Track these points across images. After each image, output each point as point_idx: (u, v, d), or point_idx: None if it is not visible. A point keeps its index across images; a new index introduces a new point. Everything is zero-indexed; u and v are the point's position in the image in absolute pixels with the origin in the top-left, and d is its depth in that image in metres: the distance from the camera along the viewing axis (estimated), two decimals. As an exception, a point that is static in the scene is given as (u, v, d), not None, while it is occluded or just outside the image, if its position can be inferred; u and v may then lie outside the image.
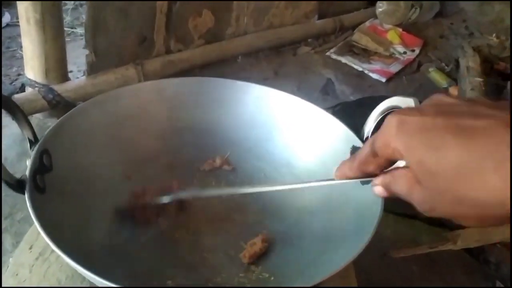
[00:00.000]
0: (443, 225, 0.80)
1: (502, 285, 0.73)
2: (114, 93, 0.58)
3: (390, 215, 0.79)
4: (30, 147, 0.47)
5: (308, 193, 0.58)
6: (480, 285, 0.76)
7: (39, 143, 0.47)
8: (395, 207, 0.33)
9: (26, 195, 0.42)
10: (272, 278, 0.50)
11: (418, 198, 0.31)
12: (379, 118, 0.53)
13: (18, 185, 0.42)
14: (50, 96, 0.89)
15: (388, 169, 0.35)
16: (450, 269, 0.78)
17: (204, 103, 0.63)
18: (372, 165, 0.34)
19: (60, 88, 0.91)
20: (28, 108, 0.87)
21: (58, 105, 0.91)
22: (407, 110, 0.30)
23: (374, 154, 0.33)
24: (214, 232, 0.55)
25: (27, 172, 0.44)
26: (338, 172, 0.38)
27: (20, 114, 0.47)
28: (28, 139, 0.47)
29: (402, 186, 0.32)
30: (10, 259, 0.58)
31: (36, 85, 0.90)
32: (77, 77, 1.12)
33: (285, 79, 0.57)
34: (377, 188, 0.36)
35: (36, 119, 0.96)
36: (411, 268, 0.78)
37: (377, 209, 0.46)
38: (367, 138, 0.54)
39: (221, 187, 0.61)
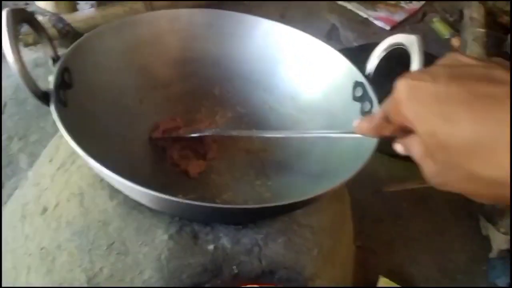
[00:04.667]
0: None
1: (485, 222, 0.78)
2: (129, 19, 0.60)
3: (385, 156, 0.84)
4: (53, 64, 0.49)
5: (311, 125, 0.62)
6: (464, 221, 0.82)
7: (60, 61, 0.49)
8: (390, 149, 0.34)
9: (51, 106, 0.45)
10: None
11: (430, 171, 0.29)
12: (382, 55, 0.56)
13: (44, 97, 0.45)
14: (60, 25, 0.90)
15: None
16: (437, 206, 0.84)
17: (214, 36, 0.65)
18: (387, 130, 0.33)
19: (70, 17, 0.92)
20: (38, 36, 0.88)
21: (67, 34, 0.92)
22: (419, 74, 0.28)
23: (387, 119, 0.32)
24: (221, 156, 0.60)
25: (51, 86, 0.46)
26: (357, 128, 0.37)
27: (43, 33, 0.49)
28: (51, 57, 0.50)
29: (415, 154, 0.30)
30: (29, 172, 0.62)
31: (46, 13, 0.91)
32: (84, 9, 1.13)
33: (290, 22, 0.58)
34: (398, 146, 0.34)
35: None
36: (402, 204, 0.83)
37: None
38: (369, 74, 0.57)
39: (227, 116, 0.65)
